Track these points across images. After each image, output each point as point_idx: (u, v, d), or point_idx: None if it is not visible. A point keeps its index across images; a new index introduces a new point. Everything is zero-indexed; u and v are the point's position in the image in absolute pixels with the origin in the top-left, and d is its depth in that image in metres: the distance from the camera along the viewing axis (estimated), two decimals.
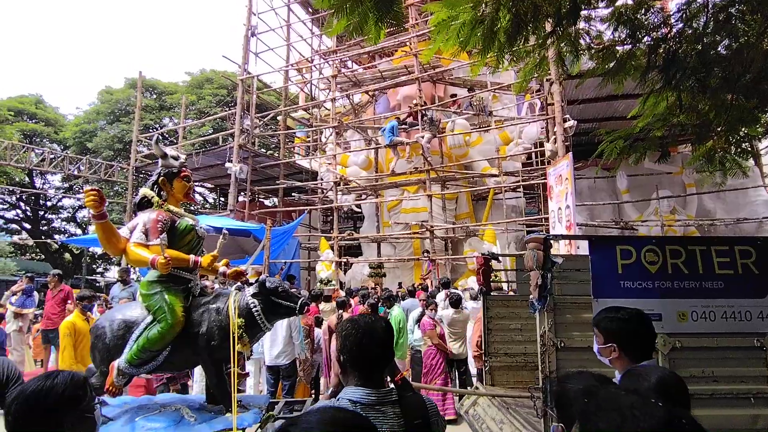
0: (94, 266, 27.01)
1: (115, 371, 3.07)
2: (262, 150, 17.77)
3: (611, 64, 3.75)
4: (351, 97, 15.92)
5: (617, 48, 3.74)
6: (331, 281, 12.70)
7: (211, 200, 23.98)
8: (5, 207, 24.92)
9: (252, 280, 3.59)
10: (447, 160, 13.54)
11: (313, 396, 6.52)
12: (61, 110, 25.95)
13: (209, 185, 20.13)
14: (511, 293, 6.79)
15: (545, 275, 2.81)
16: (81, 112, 25.21)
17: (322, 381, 6.99)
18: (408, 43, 13.27)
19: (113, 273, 27.28)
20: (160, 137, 3.45)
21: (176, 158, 3.44)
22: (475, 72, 4.61)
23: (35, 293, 8.12)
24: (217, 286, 6.07)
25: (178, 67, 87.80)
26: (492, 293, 5.05)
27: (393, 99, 15.58)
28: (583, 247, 7.10)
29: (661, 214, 10.85)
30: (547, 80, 9.55)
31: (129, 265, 8.69)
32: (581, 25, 3.48)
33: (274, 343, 5.66)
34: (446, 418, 5.73)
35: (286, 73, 16.84)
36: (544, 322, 2.86)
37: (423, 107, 12.17)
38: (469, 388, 6.17)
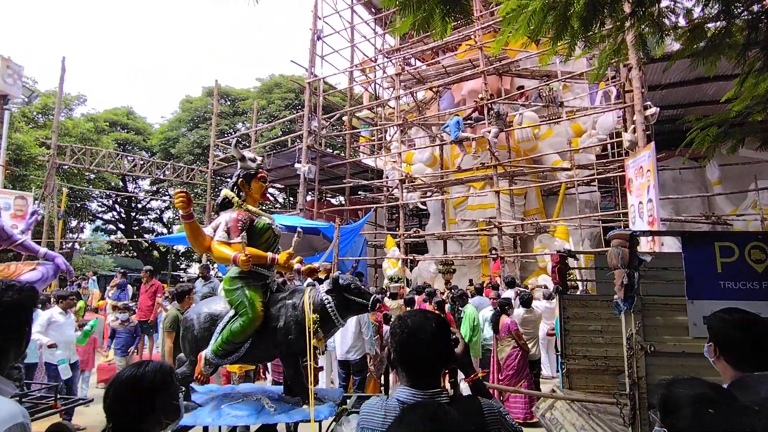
0: (177, 263, 29.17)
1: (203, 361, 3.28)
2: (329, 150, 18.23)
3: (701, 44, 3.43)
4: (415, 94, 15.89)
5: (708, 26, 3.41)
6: (398, 278, 12.79)
7: (281, 200, 25.01)
8: (103, 209, 27.62)
9: (321, 277, 3.70)
10: (515, 154, 13.11)
11: (383, 391, 6.61)
12: (149, 120, 28.28)
13: (279, 185, 21.03)
14: (590, 292, 6.45)
15: (631, 274, 2.62)
16: (165, 121, 27.31)
17: (391, 377, 7.06)
18: (473, 36, 12.99)
19: (194, 269, 29.34)
20: (238, 141, 3.63)
21: (253, 160, 3.61)
22: (544, 62, 4.42)
23: (129, 287, 8.93)
24: (296, 282, 6.29)
25: (249, 74, 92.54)
26: (569, 292, 4.80)
27: (457, 94, 15.34)
28: (668, 244, 6.57)
29: (760, 207, 9.75)
30: (624, 66, 8.93)
31: (208, 262, 9.31)
32: (665, 3, 3.22)
33: (345, 339, 5.78)
34: (531, 421, 5.57)
35: (351, 74, 17.15)
36: (631, 324, 2.67)
37: (489, 101, 11.86)
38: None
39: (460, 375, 1.68)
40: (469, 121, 12.71)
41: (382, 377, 6.64)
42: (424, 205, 15.66)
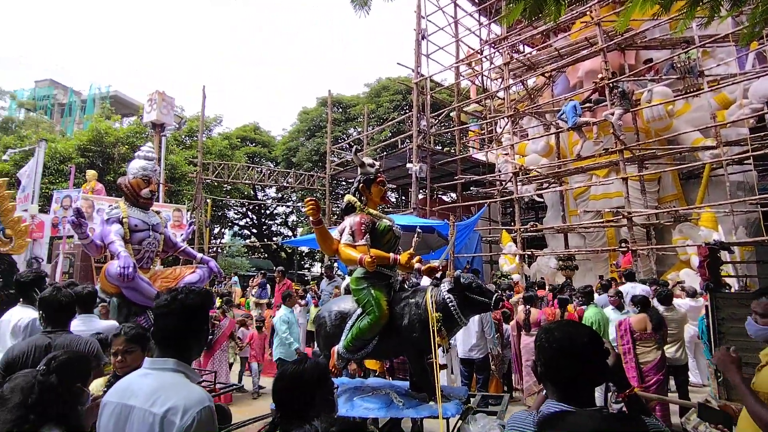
0: (302, 262, 31.53)
1: (336, 355, 3.55)
2: (439, 147, 18.25)
3: None
4: (525, 82, 15.18)
5: None
6: (509, 275, 12.35)
7: (393, 199, 25.68)
8: (238, 216, 30.97)
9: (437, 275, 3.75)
10: (644, 136, 11.81)
11: (505, 390, 6.46)
12: (272, 133, 30.96)
13: (392, 186, 21.57)
14: (749, 289, 5.57)
15: None
16: (286, 132, 29.67)
17: (514, 377, 6.86)
18: (589, 12, 12.00)
19: (317, 268, 31.47)
20: (357, 149, 3.84)
21: (372, 166, 3.79)
22: (680, 29, 3.90)
23: (267, 286, 9.94)
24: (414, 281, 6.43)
25: (358, 80, 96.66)
26: (722, 290, 4.21)
27: (573, 77, 14.29)
28: None
29: None
30: None
31: (331, 262, 9.94)
32: None
33: (467, 337, 5.77)
34: None
35: (457, 69, 16.95)
36: None
37: (611, 80, 10.86)
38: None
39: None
40: (588, 105, 11.77)
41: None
42: (541, 197, 14.86)
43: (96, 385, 2.40)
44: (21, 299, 3.47)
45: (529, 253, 12.38)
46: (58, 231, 11.02)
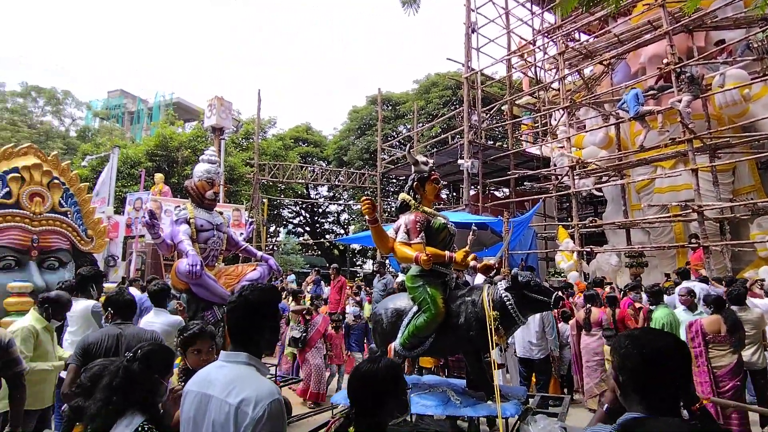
0: (354, 259, 32.00)
1: (393, 352, 3.59)
2: (490, 142, 17.90)
3: None
4: (582, 71, 14.55)
5: None
6: (564, 272, 11.90)
7: (444, 196, 25.48)
8: (292, 215, 31.90)
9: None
10: (716, 123, 10.99)
11: (564, 392, 6.26)
12: (324, 132, 31.62)
13: (443, 182, 21.40)
14: None
15: None
16: (337, 132, 30.21)
17: (574, 378, 6.63)
18: None
19: (369, 265, 31.84)
20: (410, 147, 3.86)
21: (425, 164, 3.80)
22: (761, 6, 3.58)
23: (323, 283, 10.19)
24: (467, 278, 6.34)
25: (407, 77, 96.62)
26: None
27: (634, 64, 13.53)
28: None
29: None
30: None
31: (383, 259, 10.02)
32: None
33: (527, 337, 5.65)
34: None
35: (509, 61, 16.52)
36: None
37: (677, 65, 10.18)
38: None
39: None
40: (651, 92, 11.09)
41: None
42: (600, 191, 14.20)
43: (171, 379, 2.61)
44: (77, 292, 3.99)
45: (588, 249, 11.88)
46: (132, 231, 11.88)
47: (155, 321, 3.81)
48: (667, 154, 11.13)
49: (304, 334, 6.23)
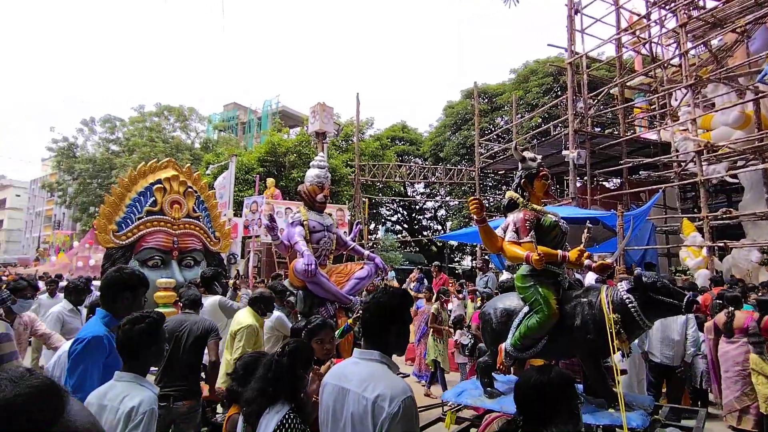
0: (452, 256, 31.77)
1: (504, 353, 3.53)
2: (598, 130, 16.61)
3: None
4: (709, 42, 12.88)
5: None
6: (691, 270, 10.64)
7: None
8: (390, 213, 32.58)
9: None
10: None
11: (700, 406, 5.64)
12: (419, 130, 31.80)
13: None
14: None
15: None
16: (432, 128, 30.19)
17: (711, 389, 5.94)
18: None
19: (467, 262, 31.41)
20: (517, 143, 3.76)
21: (533, 160, 3.67)
22: None
23: (425, 280, 10.32)
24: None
25: (503, 67, 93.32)
26: None
27: None
28: None
29: None
30: None
31: (486, 256, 9.85)
32: None
33: (665, 341, 5.21)
34: None
35: (619, 40, 15.17)
36: None
37: None
38: None
39: None
40: None
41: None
42: (735, 177, 12.46)
43: None
44: (204, 289, 4.91)
45: (722, 244, 10.51)
46: (249, 231, 13.04)
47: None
48: None
49: (472, 342, 6.05)
